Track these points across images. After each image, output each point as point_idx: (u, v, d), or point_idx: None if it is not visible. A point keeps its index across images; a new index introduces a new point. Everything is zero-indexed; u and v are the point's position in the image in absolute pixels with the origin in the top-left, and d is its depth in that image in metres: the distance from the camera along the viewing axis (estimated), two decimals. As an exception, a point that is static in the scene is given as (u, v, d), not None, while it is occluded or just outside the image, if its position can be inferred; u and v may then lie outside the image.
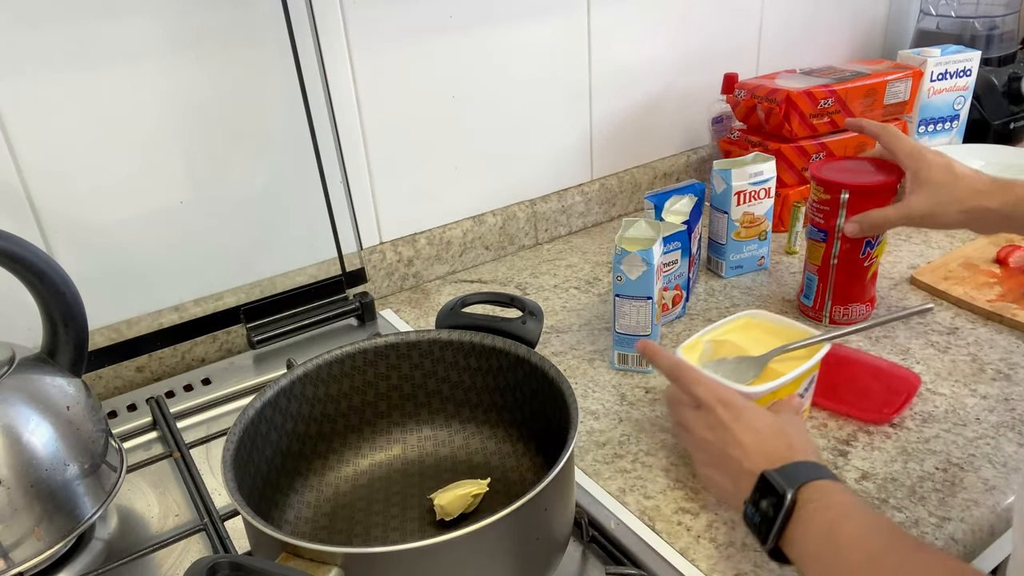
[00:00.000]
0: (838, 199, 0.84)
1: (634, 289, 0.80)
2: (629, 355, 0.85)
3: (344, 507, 0.65)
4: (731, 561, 0.61)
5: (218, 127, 0.87)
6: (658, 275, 0.81)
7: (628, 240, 0.82)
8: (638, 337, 0.83)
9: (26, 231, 0.79)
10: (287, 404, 0.63)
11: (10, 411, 0.59)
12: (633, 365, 0.85)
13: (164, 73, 0.82)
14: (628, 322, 0.83)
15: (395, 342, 0.68)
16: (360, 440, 0.69)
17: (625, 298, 0.81)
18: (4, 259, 0.59)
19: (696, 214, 0.97)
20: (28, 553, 0.58)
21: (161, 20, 0.80)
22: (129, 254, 0.87)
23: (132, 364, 0.89)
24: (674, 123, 1.30)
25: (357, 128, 0.97)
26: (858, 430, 0.75)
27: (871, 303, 0.92)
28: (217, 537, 0.65)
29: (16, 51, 0.74)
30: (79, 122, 0.79)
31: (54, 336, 0.65)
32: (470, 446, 0.70)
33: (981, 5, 1.46)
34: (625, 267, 0.80)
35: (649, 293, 0.80)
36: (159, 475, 0.75)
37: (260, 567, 0.44)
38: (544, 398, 0.62)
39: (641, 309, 0.81)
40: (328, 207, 0.96)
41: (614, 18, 1.14)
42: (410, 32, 0.97)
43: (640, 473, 0.71)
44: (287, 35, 0.86)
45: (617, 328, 0.84)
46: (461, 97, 1.04)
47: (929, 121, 1.31)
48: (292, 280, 0.98)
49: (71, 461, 0.61)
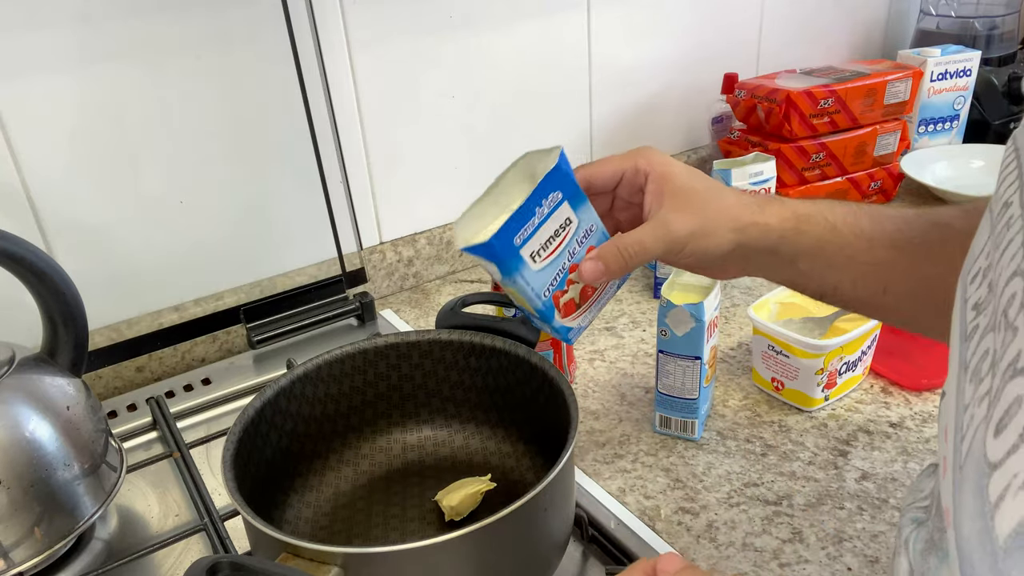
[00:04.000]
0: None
1: (681, 347, 0.70)
2: (673, 419, 0.75)
3: (344, 507, 0.65)
4: (731, 561, 0.61)
5: (218, 127, 0.87)
6: (710, 332, 0.70)
7: (679, 287, 0.72)
8: (683, 400, 0.73)
9: (26, 231, 0.79)
10: (287, 404, 0.63)
11: (10, 411, 0.59)
12: (677, 430, 0.75)
13: (164, 73, 0.82)
14: (672, 382, 0.73)
15: (395, 342, 0.67)
16: (360, 440, 0.69)
17: (670, 356, 0.72)
18: (4, 259, 0.59)
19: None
20: (28, 553, 0.58)
21: (161, 20, 0.80)
22: (129, 254, 0.87)
23: (132, 364, 0.89)
24: (674, 123, 1.29)
25: (357, 128, 0.97)
26: (858, 430, 0.75)
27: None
28: (217, 537, 0.64)
29: (16, 51, 0.74)
30: (79, 122, 0.79)
31: (54, 336, 0.65)
32: (470, 446, 0.69)
33: (981, 5, 1.46)
34: (671, 322, 0.70)
35: (698, 353, 0.70)
36: (159, 475, 0.75)
37: (260, 567, 0.44)
38: (544, 398, 0.62)
39: (688, 370, 0.71)
40: (328, 207, 0.96)
41: (614, 18, 1.14)
42: (410, 32, 0.97)
43: (640, 473, 0.71)
44: (287, 35, 0.86)
45: (660, 388, 0.74)
46: (461, 97, 1.04)
47: (929, 121, 1.31)
48: (292, 280, 0.98)
49: (71, 461, 0.61)
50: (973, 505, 0.25)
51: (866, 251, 0.50)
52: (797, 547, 0.62)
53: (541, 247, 0.52)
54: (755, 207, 0.53)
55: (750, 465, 0.71)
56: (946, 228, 0.50)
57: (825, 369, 0.75)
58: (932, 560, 0.35)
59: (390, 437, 0.70)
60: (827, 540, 0.63)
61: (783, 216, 0.52)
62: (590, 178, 0.55)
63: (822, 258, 0.52)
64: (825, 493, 0.68)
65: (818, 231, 0.51)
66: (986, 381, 0.27)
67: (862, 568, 0.60)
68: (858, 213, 0.52)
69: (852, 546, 0.62)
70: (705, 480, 0.70)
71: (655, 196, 0.53)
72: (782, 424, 0.76)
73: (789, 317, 0.81)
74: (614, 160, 0.55)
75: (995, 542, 0.23)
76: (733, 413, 0.78)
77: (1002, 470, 0.24)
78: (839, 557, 0.61)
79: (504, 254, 0.51)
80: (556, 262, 0.53)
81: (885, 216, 0.52)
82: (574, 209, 0.53)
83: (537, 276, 0.53)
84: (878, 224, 0.51)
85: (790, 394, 0.78)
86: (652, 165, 0.54)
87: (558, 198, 0.52)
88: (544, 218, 0.52)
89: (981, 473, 0.25)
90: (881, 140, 1.16)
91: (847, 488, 0.68)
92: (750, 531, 0.64)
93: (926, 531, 0.37)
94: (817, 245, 0.51)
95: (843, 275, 0.53)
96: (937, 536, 0.35)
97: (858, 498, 0.67)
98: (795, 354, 0.75)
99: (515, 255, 0.51)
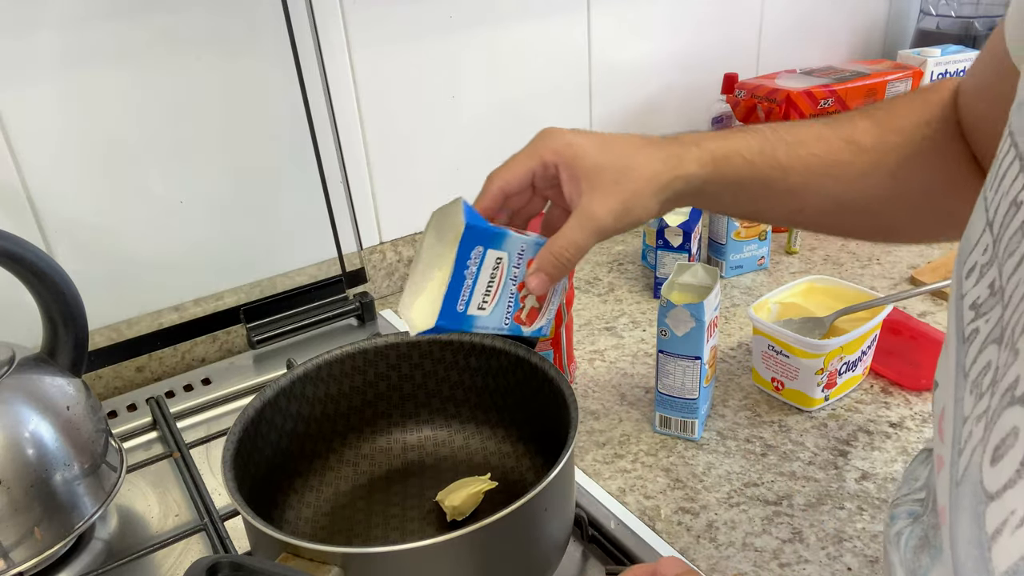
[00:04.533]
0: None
1: (681, 347, 0.71)
2: (673, 419, 0.75)
3: (344, 507, 0.65)
4: (731, 561, 0.61)
5: (218, 127, 0.87)
6: (710, 332, 0.71)
7: (679, 287, 0.73)
8: (683, 400, 0.73)
9: (26, 231, 0.79)
10: (287, 404, 0.63)
11: (10, 411, 0.59)
12: (677, 430, 0.75)
13: (164, 73, 0.82)
14: (672, 383, 0.73)
15: (395, 342, 0.67)
16: (360, 440, 0.69)
17: (670, 356, 0.72)
18: (4, 259, 0.59)
19: (696, 214, 0.97)
20: (28, 553, 0.58)
21: (161, 21, 0.80)
22: (129, 254, 0.87)
23: (132, 364, 0.89)
24: (674, 123, 1.29)
25: (357, 128, 0.97)
26: (858, 430, 0.75)
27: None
28: (217, 537, 0.64)
29: (17, 51, 0.74)
30: (79, 122, 0.79)
31: (54, 336, 0.65)
32: (470, 446, 0.69)
33: (981, 5, 1.46)
34: (671, 322, 0.70)
35: (698, 353, 0.70)
36: (159, 475, 0.75)
37: (260, 567, 0.44)
38: (544, 398, 0.62)
39: (688, 370, 0.72)
40: (328, 207, 0.96)
41: (614, 18, 1.14)
42: (410, 32, 0.97)
43: (640, 473, 0.71)
44: (287, 35, 0.86)
45: (660, 388, 0.74)
46: (461, 97, 1.04)
47: (929, 121, 1.31)
48: (292, 280, 0.98)
49: (71, 461, 0.61)
50: (970, 531, 0.26)
51: (781, 180, 0.53)
52: (797, 547, 0.62)
53: (484, 296, 0.53)
54: (674, 160, 0.53)
55: (750, 465, 0.71)
56: (855, 145, 0.54)
57: (825, 369, 0.75)
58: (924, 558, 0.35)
59: (390, 437, 0.70)
60: (827, 540, 0.63)
61: (702, 162, 0.54)
62: (505, 187, 0.54)
63: (742, 192, 0.54)
64: (825, 493, 0.68)
65: (736, 169, 0.53)
66: (985, 399, 0.27)
67: (862, 568, 0.60)
68: (775, 143, 0.54)
69: (852, 546, 0.62)
70: (705, 480, 0.70)
71: (572, 184, 0.53)
72: (782, 424, 0.76)
73: (789, 317, 0.81)
74: (521, 159, 0.54)
75: (991, 574, 0.24)
76: (733, 413, 0.78)
77: (999, 503, 0.25)
78: (839, 557, 0.61)
79: (455, 323, 0.52)
80: (503, 295, 0.55)
81: (799, 141, 0.54)
82: (499, 248, 0.53)
83: (492, 317, 0.54)
84: (793, 151, 0.54)
85: (790, 394, 0.78)
86: (559, 154, 0.53)
87: (480, 251, 0.52)
88: (476, 275, 0.53)
89: (978, 499, 0.26)
90: (881, 140, 1.16)
91: (847, 488, 0.68)
92: (750, 531, 0.64)
93: (920, 528, 0.37)
94: (736, 182, 0.53)
95: (763, 203, 0.56)
96: (931, 533, 0.35)
97: (858, 498, 0.67)
98: (795, 354, 0.75)
99: (464, 318, 0.53)
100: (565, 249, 0.53)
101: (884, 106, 0.56)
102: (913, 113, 0.55)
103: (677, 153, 0.54)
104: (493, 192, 0.54)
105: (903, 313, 0.90)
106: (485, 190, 0.55)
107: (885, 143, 0.54)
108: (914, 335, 0.87)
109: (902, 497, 0.41)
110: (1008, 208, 0.30)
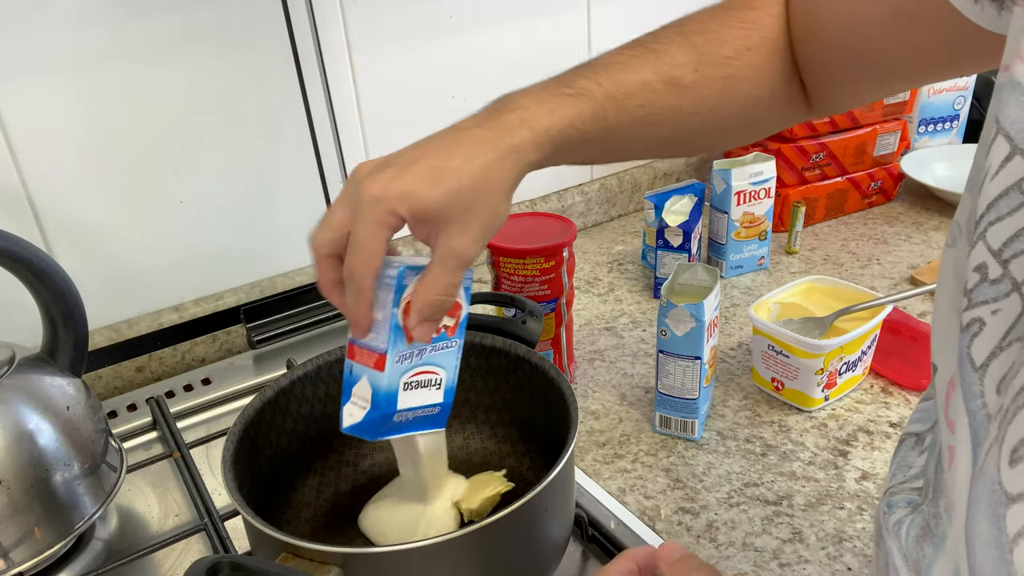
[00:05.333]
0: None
1: (681, 347, 0.71)
2: (673, 419, 0.75)
3: (344, 507, 0.65)
4: (731, 561, 0.61)
5: (218, 127, 0.87)
6: (710, 332, 0.71)
7: (679, 287, 0.73)
8: (683, 400, 0.73)
9: (26, 231, 0.79)
10: (287, 404, 0.63)
11: (10, 411, 0.59)
12: (677, 430, 0.75)
13: (164, 73, 0.82)
14: (672, 382, 0.73)
15: (395, 342, 0.67)
16: (360, 440, 0.69)
17: (670, 356, 0.72)
18: (4, 259, 0.59)
19: (696, 214, 0.97)
20: (28, 553, 0.58)
21: (161, 21, 0.80)
22: (129, 254, 0.87)
23: (132, 364, 0.89)
24: (674, 123, 1.29)
25: (357, 128, 0.97)
26: (858, 430, 0.75)
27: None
28: (217, 537, 0.64)
29: (17, 51, 0.74)
30: (79, 122, 0.79)
31: (54, 336, 0.65)
32: (470, 446, 0.69)
33: None
34: (671, 322, 0.70)
35: (698, 353, 0.70)
36: (159, 475, 0.75)
37: (260, 567, 0.44)
38: (544, 398, 0.62)
39: (688, 370, 0.72)
40: (328, 207, 0.96)
41: (614, 18, 1.13)
42: (410, 32, 0.97)
43: (640, 473, 0.71)
44: (287, 35, 0.86)
45: (660, 388, 0.74)
46: (461, 97, 1.04)
47: (929, 121, 1.31)
48: (292, 280, 0.98)
49: (71, 461, 0.61)
50: (988, 532, 0.26)
51: (614, 138, 0.56)
52: (797, 547, 0.62)
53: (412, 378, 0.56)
54: (512, 158, 0.51)
55: (750, 465, 0.71)
56: (678, 87, 0.55)
57: (825, 369, 0.75)
58: (927, 548, 0.35)
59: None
60: (827, 540, 0.63)
61: (538, 145, 0.52)
62: (384, 261, 0.53)
63: (579, 153, 0.56)
64: (825, 493, 0.68)
65: (571, 141, 0.54)
66: (1000, 396, 0.27)
67: (862, 568, 0.60)
68: (604, 105, 0.54)
69: (852, 546, 0.62)
70: (705, 480, 0.70)
71: (421, 228, 0.51)
72: (782, 424, 0.76)
73: (789, 317, 0.81)
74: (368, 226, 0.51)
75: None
76: (733, 413, 0.78)
77: (1021, 506, 0.25)
78: (839, 557, 0.61)
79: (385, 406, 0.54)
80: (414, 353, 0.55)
81: (626, 95, 0.55)
82: (373, 379, 0.54)
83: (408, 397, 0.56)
84: (621, 108, 0.54)
85: (790, 394, 0.78)
86: (398, 201, 0.49)
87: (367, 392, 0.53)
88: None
89: (997, 500, 0.26)
90: (881, 140, 1.16)
91: (847, 488, 0.68)
92: (750, 531, 0.64)
93: (921, 517, 0.37)
94: (570, 149, 0.55)
95: (597, 157, 0.60)
96: (933, 523, 0.35)
97: (858, 498, 0.67)
98: (795, 354, 0.75)
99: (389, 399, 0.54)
100: (439, 294, 0.51)
101: (702, 27, 0.58)
102: (736, 39, 0.56)
103: (512, 146, 0.52)
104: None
105: (903, 313, 0.90)
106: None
107: (707, 77, 0.55)
108: (914, 335, 0.87)
109: (897, 485, 0.41)
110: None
